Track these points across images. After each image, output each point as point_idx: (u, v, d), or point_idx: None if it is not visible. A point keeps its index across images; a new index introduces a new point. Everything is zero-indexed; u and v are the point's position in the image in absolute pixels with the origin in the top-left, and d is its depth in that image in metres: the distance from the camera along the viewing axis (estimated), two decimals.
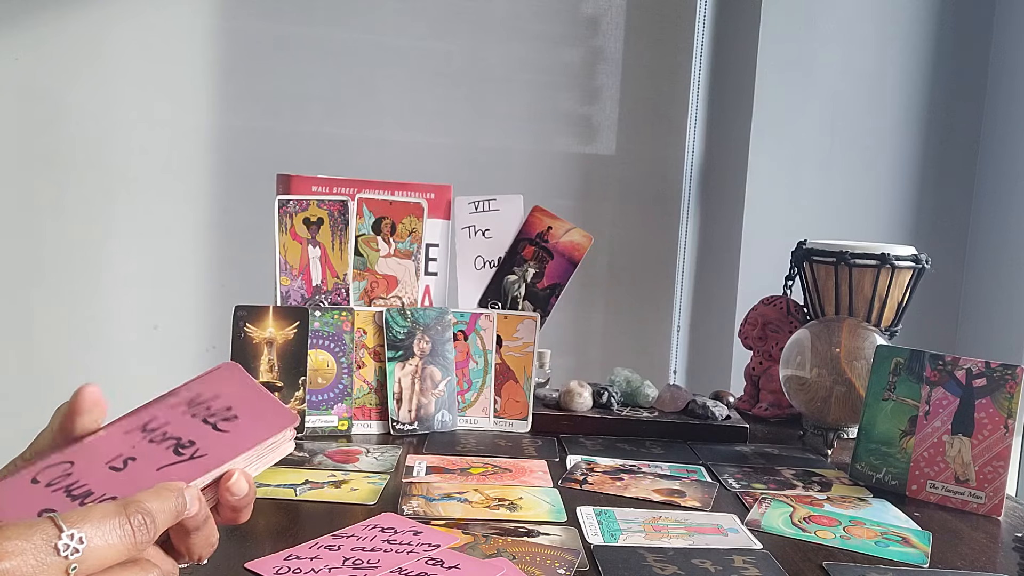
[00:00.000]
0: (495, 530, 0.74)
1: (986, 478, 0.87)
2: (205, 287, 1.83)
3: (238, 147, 1.81)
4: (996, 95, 1.77)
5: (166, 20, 1.77)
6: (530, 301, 1.14)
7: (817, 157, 1.77)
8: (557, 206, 1.18)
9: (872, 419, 0.95)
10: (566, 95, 1.91)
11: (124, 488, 0.48)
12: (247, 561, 0.64)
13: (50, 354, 1.78)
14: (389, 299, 1.08)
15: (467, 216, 1.14)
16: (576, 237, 1.15)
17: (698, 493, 0.88)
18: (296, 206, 1.04)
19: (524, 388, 1.09)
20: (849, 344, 1.05)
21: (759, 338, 1.25)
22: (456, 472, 0.90)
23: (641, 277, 1.96)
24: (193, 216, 1.82)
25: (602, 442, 1.05)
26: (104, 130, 1.76)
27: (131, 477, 0.49)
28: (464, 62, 1.87)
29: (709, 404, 1.11)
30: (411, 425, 1.04)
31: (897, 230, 1.80)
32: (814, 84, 1.75)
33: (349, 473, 0.88)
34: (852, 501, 0.89)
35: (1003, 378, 0.88)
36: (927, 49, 1.78)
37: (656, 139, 1.93)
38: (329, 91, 1.83)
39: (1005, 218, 1.73)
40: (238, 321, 0.99)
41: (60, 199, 1.76)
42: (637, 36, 1.90)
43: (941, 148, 1.81)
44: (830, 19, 1.75)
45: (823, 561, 0.72)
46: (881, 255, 1.12)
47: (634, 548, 0.72)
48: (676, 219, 1.94)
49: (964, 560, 0.75)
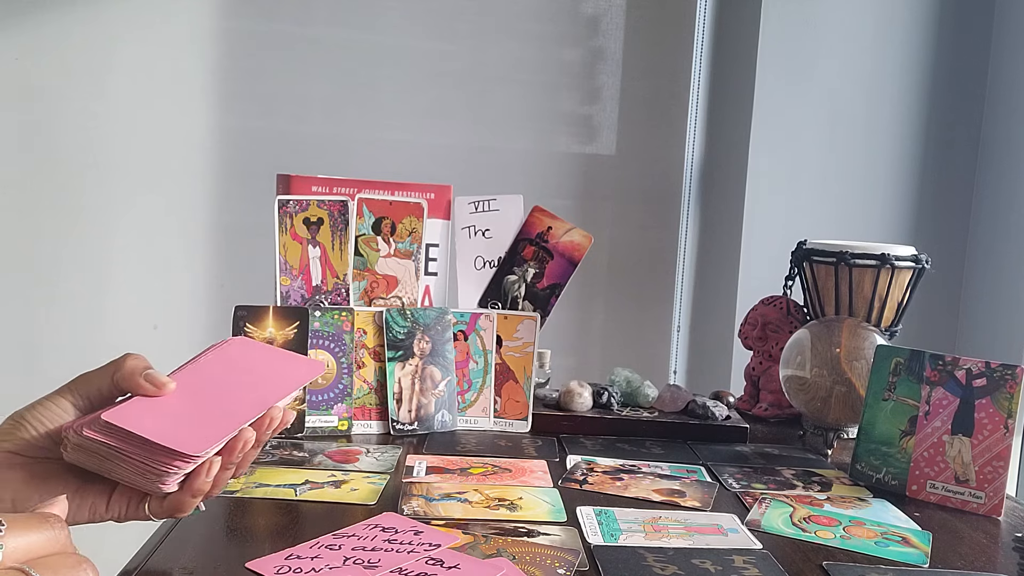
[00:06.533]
0: (495, 530, 0.74)
1: (986, 478, 0.88)
2: (205, 287, 1.83)
3: (238, 147, 1.81)
4: (996, 95, 1.77)
5: (166, 20, 1.77)
6: (530, 301, 1.14)
7: (817, 157, 1.77)
8: (557, 206, 1.18)
9: (872, 419, 0.95)
10: (566, 95, 1.91)
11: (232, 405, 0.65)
12: (248, 561, 0.65)
13: (50, 354, 1.77)
14: (389, 299, 1.08)
15: (467, 216, 1.14)
16: (576, 237, 1.15)
17: (698, 493, 0.88)
18: (296, 206, 1.04)
19: (524, 388, 1.09)
20: (849, 344, 1.05)
21: (759, 338, 1.25)
22: (456, 472, 0.90)
23: (641, 277, 1.96)
24: (193, 216, 1.82)
25: (602, 442, 1.05)
26: (104, 130, 1.76)
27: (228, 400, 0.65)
28: (464, 62, 1.87)
29: (709, 404, 1.11)
30: (411, 425, 1.04)
31: (897, 230, 1.80)
32: (814, 84, 1.75)
33: (349, 473, 0.88)
34: (852, 501, 0.89)
35: (1003, 378, 0.88)
36: (927, 49, 1.78)
37: (656, 139, 1.93)
38: (329, 91, 1.83)
39: (1005, 218, 1.73)
40: (238, 321, 0.99)
41: (59, 199, 1.76)
42: (637, 36, 1.90)
43: (941, 148, 1.81)
44: (830, 19, 1.75)
45: (823, 561, 0.72)
46: (881, 255, 1.12)
47: (634, 548, 0.72)
48: (676, 219, 1.94)
49: (964, 560, 0.75)
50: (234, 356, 0.70)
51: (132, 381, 0.63)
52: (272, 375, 0.69)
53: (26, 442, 0.62)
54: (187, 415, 0.63)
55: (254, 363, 0.70)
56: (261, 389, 0.67)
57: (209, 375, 0.67)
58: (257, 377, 0.68)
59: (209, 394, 0.65)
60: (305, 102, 1.83)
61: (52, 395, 0.64)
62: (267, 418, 0.65)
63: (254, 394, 0.66)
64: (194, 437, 0.61)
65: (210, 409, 0.64)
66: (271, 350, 0.75)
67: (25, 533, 0.46)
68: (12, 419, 0.62)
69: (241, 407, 0.65)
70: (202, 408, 0.64)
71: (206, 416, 0.63)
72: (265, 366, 0.70)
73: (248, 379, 0.68)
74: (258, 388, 0.67)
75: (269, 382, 0.68)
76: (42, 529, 0.48)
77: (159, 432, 0.60)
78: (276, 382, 0.68)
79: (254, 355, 0.72)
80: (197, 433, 0.61)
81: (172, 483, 0.62)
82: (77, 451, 0.61)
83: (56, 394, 0.64)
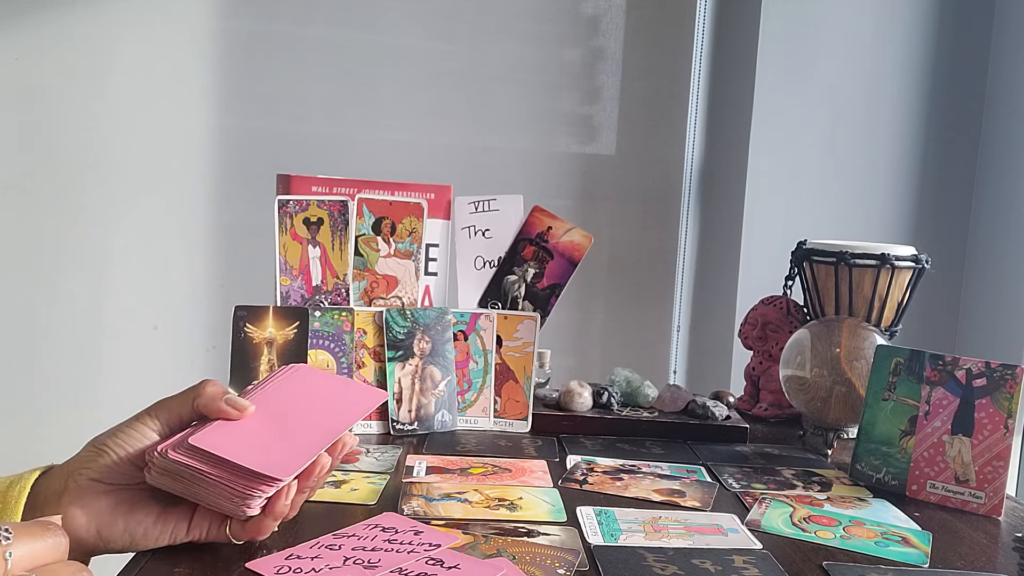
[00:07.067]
0: (495, 530, 0.74)
1: (986, 478, 0.88)
2: (205, 287, 1.83)
3: (238, 147, 1.81)
4: (996, 95, 1.77)
5: (166, 20, 1.77)
6: (530, 301, 1.14)
7: (817, 157, 1.77)
8: (557, 206, 1.18)
9: (872, 419, 0.95)
10: (566, 95, 1.91)
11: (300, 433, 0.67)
12: (248, 561, 0.65)
13: (50, 354, 1.78)
14: (389, 299, 1.08)
15: (467, 216, 1.14)
16: (576, 237, 1.15)
17: (698, 493, 0.88)
18: (296, 206, 1.04)
19: (524, 388, 1.09)
20: (849, 344, 1.05)
21: (759, 338, 1.25)
22: (456, 472, 0.90)
23: (641, 277, 1.96)
24: (193, 216, 1.82)
25: (602, 442, 1.05)
26: (104, 130, 1.76)
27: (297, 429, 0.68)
28: (464, 62, 1.87)
29: (709, 404, 1.11)
30: (411, 425, 1.04)
31: (897, 230, 1.80)
32: (814, 84, 1.75)
33: (349, 473, 0.88)
34: (852, 501, 0.89)
35: (1003, 378, 0.88)
36: (927, 49, 1.78)
37: (656, 139, 1.93)
38: (329, 91, 1.83)
39: (1005, 218, 1.73)
40: (238, 321, 0.99)
41: (60, 199, 1.76)
42: (637, 36, 1.90)
43: (941, 148, 1.81)
44: (830, 19, 1.75)
45: (823, 561, 0.72)
46: (881, 255, 1.12)
47: (634, 548, 0.72)
48: (676, 219, 1.94)
49: (964, 560, 0.75)
50: (300, 382, 0.73)
51: (214, 406, 0.65)
52: (339, 402, 0.72)
53: (108, 468, 0.63)
54: (268, 439, 0.66)
55: (320, 390, 0.73)
56: (332, 415, 0.70)
57: (281, 400, 0.70)
58: (326, 403, 0.72)
59: (285, 419, 0.68)
60: (305, 102, 1.83)
61: (132, 420, 0.65)
62: (340, 443, 0.68)
63: (327, 420, 0.69)
64: (279, 461, 0.63)
65: (288, 433, 0.67)
66: (333, 378, 0.79)
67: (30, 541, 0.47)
68: (93, 446, 0.64)
69: (316, 433, 0.67)
70: (281, 432, 0.67)
71: (285, 440, 0.66)
72: (331, 393, 0.73)
73: (318, 405, 0.71)
74: (330, 414, 0.70)
75: (338, 408, 0.71)
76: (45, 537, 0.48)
77: (245, 455, 0.62)
78: (344, 408, 0.71)
79: (319, 382, 0.75)
80: (280, 457, 0.64)
81: (256, 506, 0.63)
82: (162, 475, 0.63)
83: (136, 420, 0.65)
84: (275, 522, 0.66)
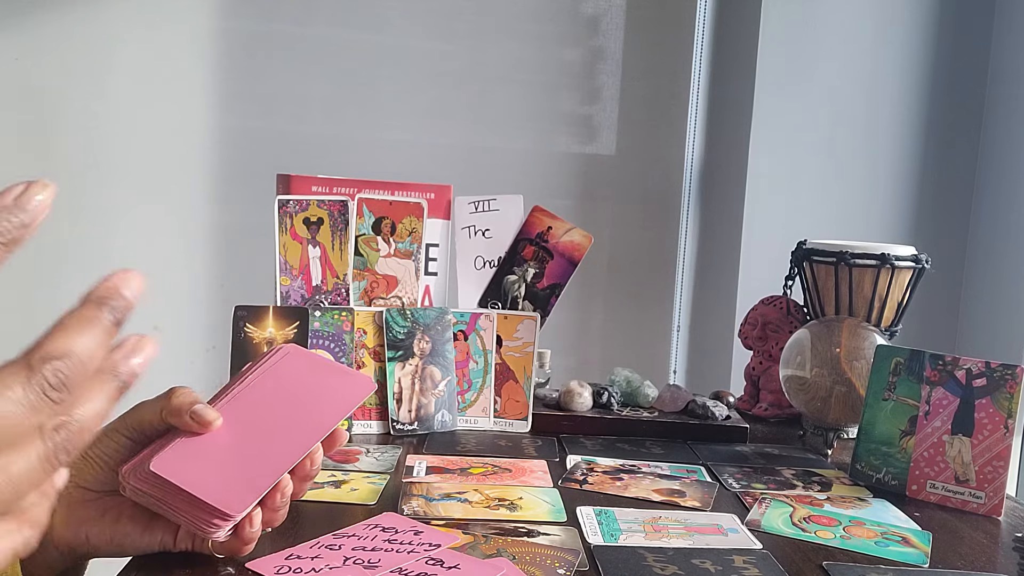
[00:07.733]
0: (495, 530, 0.74)
1: (986, 478, 0.88)
2: (205, 287, 1.83)
3: (238, 147, 1.81)
4: (996, 96, 1.77)
5: (166, 20, 1.77)
6: (530, 301, 1.14)
7: (817, 157, 1.77)
8: (557, 206, 1.18)
9: (872, 419, 0.95)
10: (566, 95, 1.91)
11: None
12: (248, 561, 0.65)
13: None
14: (389, 299, 1.08)
15: (467, 216, 1.14)
16: (576, 237, 1.15)
17: (698, 493, 0.88)
18: (296, 206, 1.04)
19: (524, 388, 1.09)
20: (849, 344, 1.05)
21: (759, 338, 1.25)
22: (456, 472, 0.90)
23: (641, 277, 1.96)
24: (193, 216, 1.82)
25: (602, 442, 1.05)
26: (104, 130, 1.76)
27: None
28: (464, 62, 1.87)
29: (709, 404, 1.11)
30: (411, 425, 1.04)
31: (897, 230, 1.80)
32: (814, 84, 1.75)
33: (349, 473, 0.88)
34: (852, 501, 0.89)
35: (1003, 378, 0.88)
36: (927, 49, 1.78)
37: (656, 139, 1.93)
38: (329, 91, 1.83)
39: (1005, 218, 1.73)
40: (238, 321, 0.99)
41: (59, 199, 1.75)
42: (637, 36, 1.90)
43: (941, 148, 1.81)
44: (830, 20, 1.75)
45: (823, 561, 0.72)
46: (881, 255, 1.12)
47: (634, 548, 0.72)
48: (676, 219, 1.94)
49: (964, 560, 0.75)
50: (284, 372, 0.68)
51: (178, 419, 0.62)
52: (324, 394, 0.67)
53: (92, 476, 0.63)
54: (232, 456, 0.62)
55: (305, 379, 0.68)
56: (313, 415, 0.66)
57: (257, 400, 0.65)
58: (308, 399, 0.67)
59: (257, 428, 0.64)
60: (305, 102, 1.83)
61: (107, 429, 0.63)
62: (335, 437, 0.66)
63: (305, 423, 0.65)
64: (236, 491, 0.60)
65: (257, 448, 0.63)
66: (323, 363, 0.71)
67: None
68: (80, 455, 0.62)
69: (289, 444, 0.64)
70: (249, 447, 0.63)
71: (252, 458, 0.62)
72: (316, 383, 0.68)
73: (299, 402, 0.66)
74: (310, 414, 0.66)
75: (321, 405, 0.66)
76: None
77: (202, 483, 0.59)
78: (328, 405, 0.67)
79: (305, 368, 0.69)
80: (238, 486, 0.61)
81: (222, 534, 0.62)
82: (134, 492, 0.62)
83: (111, 427, 0.64)
84: (248, 545, 0.63)
